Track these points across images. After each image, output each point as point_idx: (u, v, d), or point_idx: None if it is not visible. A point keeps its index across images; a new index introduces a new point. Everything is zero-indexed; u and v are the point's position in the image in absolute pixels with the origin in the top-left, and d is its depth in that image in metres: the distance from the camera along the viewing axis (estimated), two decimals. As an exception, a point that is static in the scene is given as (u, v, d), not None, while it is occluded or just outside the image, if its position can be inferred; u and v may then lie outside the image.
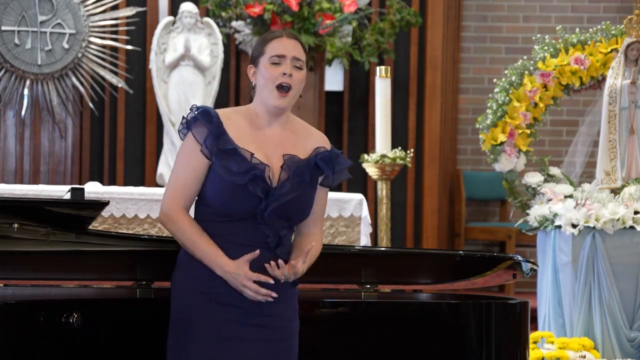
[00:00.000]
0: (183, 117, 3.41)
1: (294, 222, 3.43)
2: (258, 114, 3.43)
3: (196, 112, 3.38)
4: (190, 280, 3.38)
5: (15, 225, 3.44)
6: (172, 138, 8.08)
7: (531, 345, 5.95)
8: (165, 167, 8.13)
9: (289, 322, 3.42)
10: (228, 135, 3.35)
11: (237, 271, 3.29)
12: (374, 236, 6.51)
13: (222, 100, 8.52)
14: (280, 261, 3.31)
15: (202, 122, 3.36)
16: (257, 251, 3.30)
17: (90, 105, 8.33)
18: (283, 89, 3.38)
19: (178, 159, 3.40)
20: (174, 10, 8.51)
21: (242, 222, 3.34)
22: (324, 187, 3.48)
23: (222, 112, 3.41)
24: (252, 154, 3.34)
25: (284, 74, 3.38)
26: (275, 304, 3.36)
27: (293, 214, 3.39)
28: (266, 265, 3.29)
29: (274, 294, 3.30)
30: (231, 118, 3.40)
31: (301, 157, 3.42)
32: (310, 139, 3.48)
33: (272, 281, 3.30)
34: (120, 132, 8.63)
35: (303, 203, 3.41)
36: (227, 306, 3.34)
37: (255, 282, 3.31)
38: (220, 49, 8.23)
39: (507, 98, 6.60)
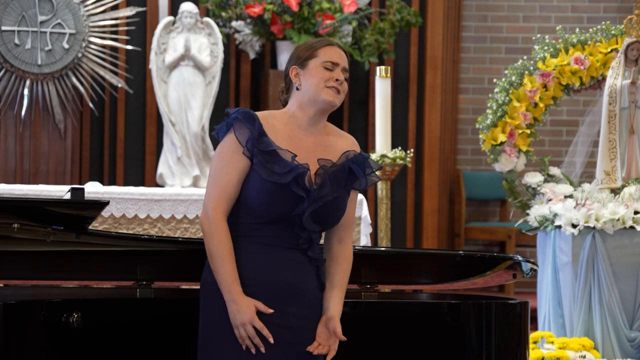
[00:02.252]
0: (226, 116, 3.43)
1: (327, 227, 3.46)
2: (296, 117, 3.46)
3: (237, 114, 3.38)
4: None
5: (15, 225, 3.44)
6: (172, 138, 8.08)
7: (531, 345, 5.95)
8: (165, 167, 8.13)
9: (315, 325, 3.43)
10: (268, 137, 3.38)
11: (245, 310, 3.30)
12: (374, 236, 6.51)
13: (222, 100, 8.52)
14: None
15: (244, 123, 3.37)
16: (271, 310, 3.32)
17: (90, 105, 8.33)
18: (334, 89, 3.46)
19: (218, 161, 3.39)
20: (174, 10, 8.50)
21: (277, 224, 3.36)
22: (355, 191, 3.51)
23: (260, 115, 3.43)
24: (294, 155, 3.36)
25: (337, 80, 3.46)
26: (303, 307, 3.39)
27: (328, 218, 3.42)
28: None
29: (262, 349, 3.31)
30: (268, 121, 3.43)
31: (334, 161, 3.46)
32: (341, 143, 3.52)
33: (271, 340, 3.30)
34: (120, 132, 8.63)
35: (339, 207, 3.45)
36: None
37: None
38: (220, 49, 8.23)
39: (507, 98, 6.60)
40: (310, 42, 3.53)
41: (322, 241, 3.54)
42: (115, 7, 8.37)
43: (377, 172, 3.56)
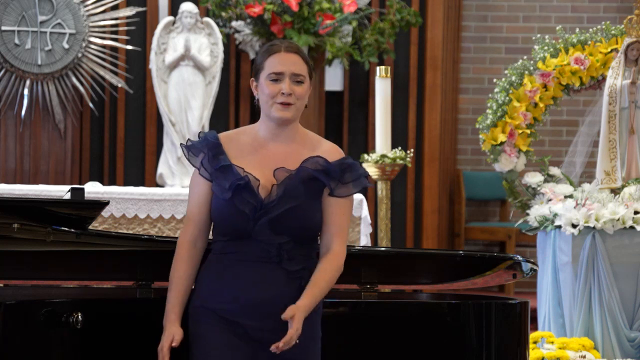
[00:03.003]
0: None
1: (297, 236, 3.33)
2: (262, 130, 3.40)
3: (191, 141, 3.41)
4: (193, 295, 3.39)
5: (15, 225, 3.44)
6: (172, 138, 8.08)
7: (531, 345, 5.95)
8: (165, 167, 8.13)
9: (300, 338, 3.28)
10: (225, 155, 3.35)
11: (165, 336, 3.31)
12: (374, 236, 6.51)
13: (222, 100, 8.52)
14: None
15: (198, 147, 3.38)
16: (175, 344, 3.29)
17: (90, 105, 8.33)
18: (284, 104, 3.35)
19: (189, 188, 3.45)
20: (174, 10, 8.51)
21: (242, 239, 3.31)
22: (336, 198, 3.37)
23: (225, 134, 3.41)
24: (243, 169, 3.31)
25: (283, 93, 3.33)
26: (282, 322, 3.27)
27: (291, 227, 3.32)
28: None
29: None
30: (233, 139, 3.40)
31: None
32: (317, 152, 3.39)
33: None
34: (120, 132, 8.63)
35: (300, 216, 3.32)
36: (226, 322, 3.32)
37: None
38: (220, 49, 8.23)
39: (507, 98, 6.60)
40: (262, 49, 3.42)
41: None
42: (115, 7, 8.38)
43: (376, 169, 3.48)
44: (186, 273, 3.38)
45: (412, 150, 6.80)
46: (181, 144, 3.45)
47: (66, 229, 3.53)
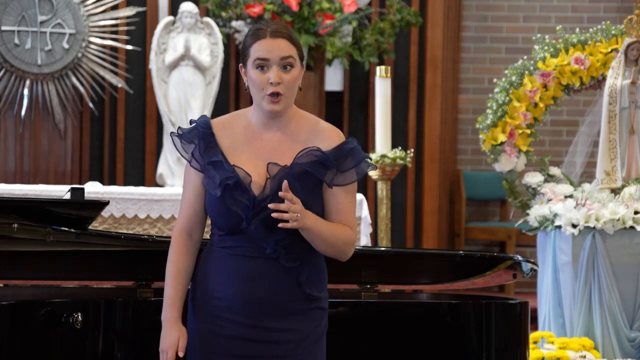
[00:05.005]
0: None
1: (294, 232, 3.16)
2: (255, 118, 3.24)
3: (180, 129, 3.25)
4: (190, 291, 3.30)
5: (15, 225, 3.44)
6: (172, 138, 8.08)
7: (531, 345, 5.95)
8: (165, 167, 8.14)
9: (299, 335, 3.21)
10: (218, 147, 3.20)
11: (169, 337, 3.19)
12: (374, 236, 6.51)
13: (222, 100, 8.52)
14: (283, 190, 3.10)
15: (189, 136, 3.23)
16: (181, 354, 3.18)
17: (90, 105, 8.33)
18: (273, 95, 3.15)
19: (184, 176, 3.31)
20: (174, 10, 8.51)
21: (238, 235, 3.19)
22: (338, 187, 3.19)
23: (218, 121, 3.27)
24: (233, 166, 3.17)
25: (271, 83, 3.13)
26: (280, 319, 3.20)
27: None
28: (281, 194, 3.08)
29: None
30: (226, 127, 3.25)
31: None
32: (315, 138, 3.21)
33: None
34: (120, 132, 8.63)
35: None
36: (220, 319, 3.21)
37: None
38: (220, 49, 8.23)
39: (507, 98, 6.60)
40: (249, 33, 3.23)
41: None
42: (115, 7, 8.38)
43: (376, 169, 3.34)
44: (184, 264, 3.24)
45: (412, 150, 6.80)
46: (171, 132, 3.30)
47: (66, 229, 3.53)
